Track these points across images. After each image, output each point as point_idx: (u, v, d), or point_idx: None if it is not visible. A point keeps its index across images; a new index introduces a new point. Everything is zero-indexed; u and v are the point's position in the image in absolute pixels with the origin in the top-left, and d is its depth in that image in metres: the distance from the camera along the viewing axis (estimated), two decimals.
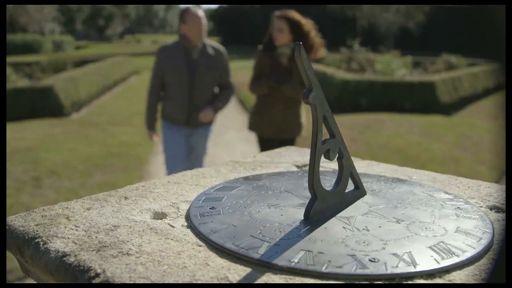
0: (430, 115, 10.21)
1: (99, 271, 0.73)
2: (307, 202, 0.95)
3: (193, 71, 3.92)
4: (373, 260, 0.77)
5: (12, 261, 2.97)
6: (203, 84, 3.95)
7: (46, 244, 0.82)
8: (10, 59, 15.54)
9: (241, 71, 14.66)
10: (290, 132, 3.96)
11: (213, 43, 4.20)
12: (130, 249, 0.80)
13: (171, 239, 0.85)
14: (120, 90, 14.76)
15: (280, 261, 0.76)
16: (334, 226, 0.91)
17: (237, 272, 0.74)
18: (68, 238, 0.84)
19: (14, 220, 0.92)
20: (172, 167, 3.94)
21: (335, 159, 1.00)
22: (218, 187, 1.13)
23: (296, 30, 3.79)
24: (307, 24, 3.88)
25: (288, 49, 3.86)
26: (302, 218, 0.94)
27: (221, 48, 4.22)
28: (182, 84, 3.91)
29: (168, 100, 4.02)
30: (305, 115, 3.82)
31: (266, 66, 3.95)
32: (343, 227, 0.91)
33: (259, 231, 0.87)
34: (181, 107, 3.94)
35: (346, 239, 0.85)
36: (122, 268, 0.73)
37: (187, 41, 3.94)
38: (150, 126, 4.14)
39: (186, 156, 4.06)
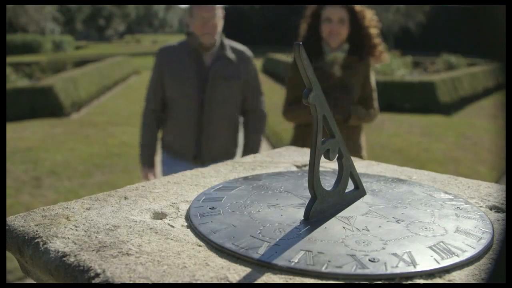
0: (430, 115, 10.21)
1: (99, 271, 0.73)
2: (307, 202, 0.95)
3: (204, 83, 2.81)
4: (373, 260, 0.77)
5: (12, 261, 2.97)
6: (218, 102, 2.84)
7: (46, 244, 0.82)
8: (10, 59, 15.53)
9: None
10: None
11: (235, 44, 3.01)
12: (130, 249, 0.80)
13: (171, 239, 0.85)
14: (120, 90, 14.75)
15: (280, 261, 0.76)
16: (334, 226, 0.91)
17: (237, 272, 0.74)
18: (68, 238, 0.84)
19: (14, 220, 0.92)
20: None
21: (335, 159, 1.00)
22: (218, 187, 1.12)
23: (356, 23, 2.78)
24: (372, 17, 2.84)
25: (341, 53, 2.72)
26: (302, 218, 0.94)
27: (247, 51, 3.00)
28: (189, 100, 2.81)
29: (170, 124, 2.91)
30: (365, 139, 2.91)
31: None
32: (343, 227, 0.91)
33: (259, 231, 0.87)
34: (187, 135, 2.85)
35: (346, 239, 0.85)
36: (122, 268, 0.73)
37: (195, 41, 2.82)
38: (147, 161, 2.93)
39: None
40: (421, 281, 0.73)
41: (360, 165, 1.37)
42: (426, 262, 0.77)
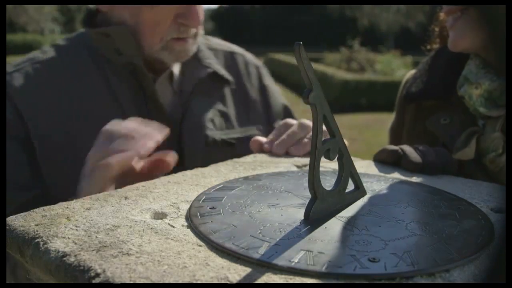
0: None
1: (99, 271, 0.73)
2: (307, 202, 0.95)
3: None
4: (373, 260, 0.77)
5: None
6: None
7: (46, 244, 0.82)
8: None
9: None
10: None
11: (221, 43, 1.66)
12: (130, 249, 0.80)
13: (171, 239, 0.85)
14: None
15: (280, 261, 0.76)
16: (334, 226, 0.91)
17: (237, 272, 0.74)
18: (68, 238, 0.84)
19: (14, 220, 0.92)
20: None
21: (335, 159, 1.00)
22: (218, 187, 1.12)
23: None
24: None
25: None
26: (302, 218, 0.94)
27: (253, 61, 1.67)
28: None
29: None
30: None
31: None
32: (343, 227, 0.91)
33: (259, 231, 0.87)
34: None
35: (346, 239, 0.85)
36: (122, 268, 0.73)
37: (132, 50, 1.32)
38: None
39: None
40: (421, 281, 0.73)
41: (360, 165, 1.37)
42: (427, 262, 0.77)
